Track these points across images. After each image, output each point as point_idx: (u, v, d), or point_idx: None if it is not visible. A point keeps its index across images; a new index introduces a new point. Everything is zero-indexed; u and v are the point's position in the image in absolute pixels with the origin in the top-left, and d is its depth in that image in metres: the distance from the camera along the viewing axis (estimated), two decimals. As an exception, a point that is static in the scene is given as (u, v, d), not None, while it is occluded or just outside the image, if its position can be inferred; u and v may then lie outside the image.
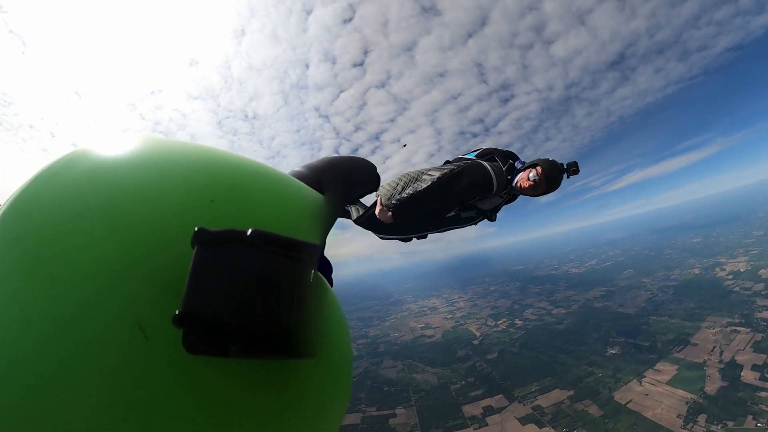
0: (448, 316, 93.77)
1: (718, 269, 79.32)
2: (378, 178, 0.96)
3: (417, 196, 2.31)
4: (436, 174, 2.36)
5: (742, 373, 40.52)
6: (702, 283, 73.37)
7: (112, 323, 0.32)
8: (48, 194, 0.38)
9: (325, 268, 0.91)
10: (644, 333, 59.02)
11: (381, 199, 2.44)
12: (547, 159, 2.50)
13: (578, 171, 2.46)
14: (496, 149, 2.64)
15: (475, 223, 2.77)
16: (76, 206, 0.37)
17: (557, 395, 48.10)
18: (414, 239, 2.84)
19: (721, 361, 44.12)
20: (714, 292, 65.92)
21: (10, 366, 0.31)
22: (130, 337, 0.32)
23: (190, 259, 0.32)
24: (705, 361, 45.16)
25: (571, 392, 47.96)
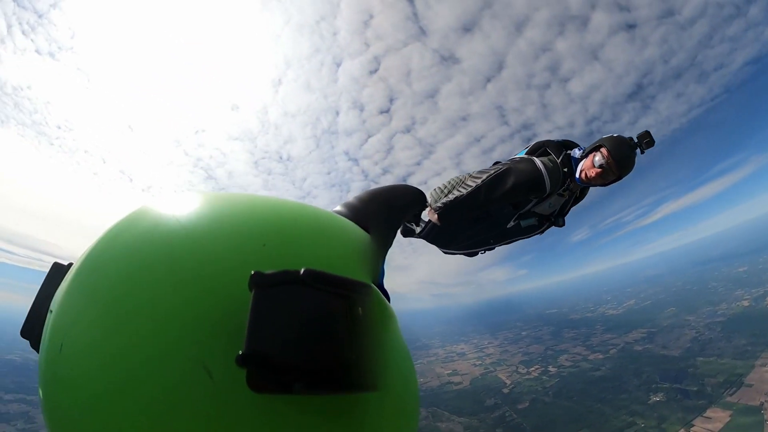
0: (477, 363, 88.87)
1: None
2: (423, 197, 1.00)
3: (461, 199, 2.16)
4: (481, 177, 2.17)
5: None
6: (753, 316, 67.66)
7: (180, 369, 0.34)
8: (112, 254, 0.42)
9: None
10: (691, 376, 53.63)
11: (430, 201, 2.34)
12: (612, 136, 2.15)
13: (653, 142, 2.12)
14: (548, 141, 2.34)
15: (542, 232, 2.51)
16: (141, 262, 0.40)
17: (595, 449, 43.40)
18: (480, 253, 2.64)
19: None
20: (767, 325, 59.74)
21: (91, 408, 0.35)
22: (196, 376, 0.34)
23: (249, 302, 0.33)
24: (762, 404, 39.92)
25: (611, 445, 42.97)
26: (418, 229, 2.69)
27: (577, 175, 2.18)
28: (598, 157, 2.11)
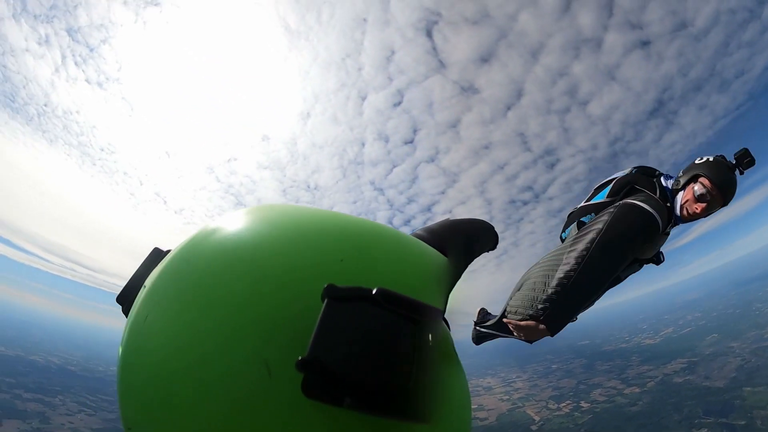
0: (504, 398, 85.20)
1: None
2: (497, 237, 1.01)
3: (574, 282, 1.76)
4: (580, 245, 1.85)
5: None
6: None
7: (244, 358, 0.37)
8: (204, 249, 0.47)
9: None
10: (738, 409, 49.54)
11: (517, 314, 1.97)
12: (707, 161, 1.95)
13: (753, 160, 1.95)
14: (629, 175, 2.09)
15: (631, 272, 2.25)
16: (225, 259, 0.44)
17: (632, 492, 40.09)
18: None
19: None
20: None
21: (163, 376, 0.39)
22: (257, 373, 0.36)
23: (319, 312, 0.34)
24: None
25: (650, 488, 39.75)
26: (489, 321, 2.42)
27: (677, 212, 1.93)
28: (698, 188, 1.87)
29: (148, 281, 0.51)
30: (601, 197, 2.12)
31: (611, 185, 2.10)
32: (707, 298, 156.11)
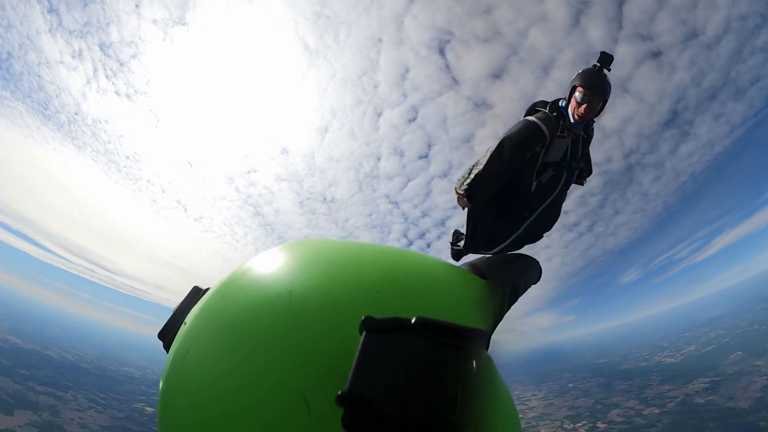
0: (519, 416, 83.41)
1: None
2: (541, 272, 1.05)
3: (482, 172, 2.26)
4: (489, 149, 2.36)
5: None
6: None
7: (281, 391, 0.37)
8: (241, 285, 0.50)
9: None
10: (763, 431, 47.11)
11: (456, 189, 2.43)
12: (578, 72, 2.36)
13: (609, 56, 2.32)
14: (539, 102, 2.59)
15: (567, 186, 2.50)
16: (262, 295, 0.46)
17: None
18: (526, 244, 2.60)
19: None
20: None
21: (201, 408, 0.41)
22: (295, 406, 0.36)
23: (358, 345, 0.33)
24: None
25: None
26: (461, 244, 2.66)
27: (572, 120, 2.31)
28: (577, 95, 2.26)
29: (189, 318, 0.53)
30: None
31: (525, 113, 2.54)
32: (731, 315, 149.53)
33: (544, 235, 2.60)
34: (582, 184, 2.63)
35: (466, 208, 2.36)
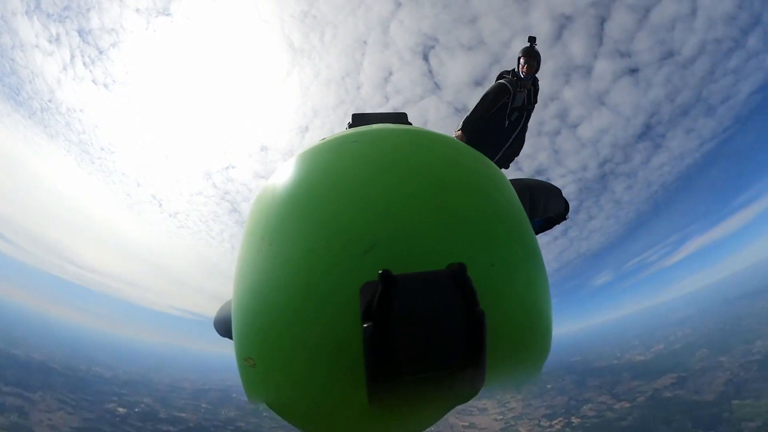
0: (498, 417, 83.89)
1: None
2: (566, 201, 1.06)
3: (471, 114, 3.43)
4: (479, 100, 3.57)
5: None
6: None
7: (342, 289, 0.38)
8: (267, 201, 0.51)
9: None
10: (726, 422, 49.81)
11: (456, 129, 3.59)
12: (520, 50, 3.62)
13: (533, 38, 3.52)
14: (503, 71, 3.72)
15: (524, 120, 3.63)
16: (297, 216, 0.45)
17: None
18: (502, 168, 3.60)
19: None
20: None
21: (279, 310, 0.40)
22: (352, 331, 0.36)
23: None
24: None
25: (639, 502, 38.48)
26: None
27: (522, 77, 3.53)
28: (521, 60, 3.54)
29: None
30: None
31: (496, 78, 3.79)
32: (698, 315, 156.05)
33: (515, 158, 3.77)
34: (532, 108, 3.79)
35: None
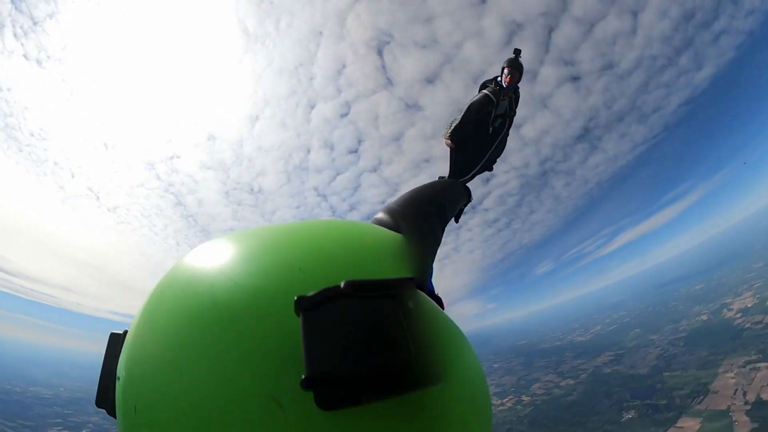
0: None
1: (725, 310, 75.70)
2: (465, 189, 1.06)
3: (459, 124, 3.48)
4: (462, 109, 3.53)
5: None
6: (712, 328, 70.05)
7: (253, 405, 0.36)
8: (164, 312, 0.46)
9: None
10: (659, 391, 54.50)
11: (444, 135, 3.62)
12: (505, 60, 3.63)
13: (518, 50, 3.59)
14: (486, 80, 3.73)
15: (507, 127, 3.69)
16: (191, 317, 0.42)
17: (573, 471, 42.80)
18: (486, 170, 3.71)
19: (746, 403, 39.88)
20: (726, 335, 62.24)
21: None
22: (268, 410, 0.35)
23: (299, 328, 0.34)
24: (729, 407, 40.74)
25: (588, 465, 42.58)
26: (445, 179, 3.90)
27: (504, 87, 3.55)
28: (505, 71, 3.52)
29: (120, 371, 0.47)
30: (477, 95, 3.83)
31: (479, 87, 3.76)
32: (631, 299, 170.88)
33: (497, 160, 3.86)
34: (513, 117, 3.91)
35: (449, 148, 3.56)
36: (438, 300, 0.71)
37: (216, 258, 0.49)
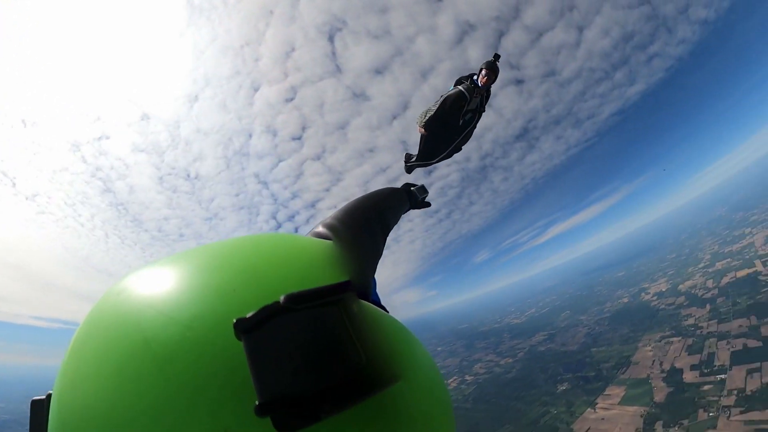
0: None
1: (643, 294, 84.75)
2: (409, 194, 1.07)
3: (434, 114, 3.84)
4: (439, 101, 3.93)
5: (683, 376, 41.85)
6: (632, 309, 77.46)
7: None
8: (88, 362, 0.40)
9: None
10: (588, 365, 59.90)
11: (418, 122, 3.99)
12: (484, 62, 3.93)
13: (498, 55, 3.94)
14: (461, 77, 4.08)
15: (476, 121, 4.09)
16: (116, 359, 0.37)
17: (518, 440, 46.21)
18: (453, 155, 4.22)
19: (662, 371, 45.36)
20: (644, 314, 69.43)
21: None
22: None
23: (243, 352, 0.31)
24: (648, 375, 46.19)
25: (531, 434, 46.26)
26: (413, 158, 4.39)
27: (479, 85, 3.98)
28: (483, 72, 3.93)
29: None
30: (451, 88, 4.17)
31: (456, 81, 4.15)
32: (561, 285, 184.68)
33: (462, 148, 4.20)
34: (481, 114, 4.19)
35: (421, 135, 3.95)
36: (384, 310, 0.65)
37: (143, 290, 0.43)
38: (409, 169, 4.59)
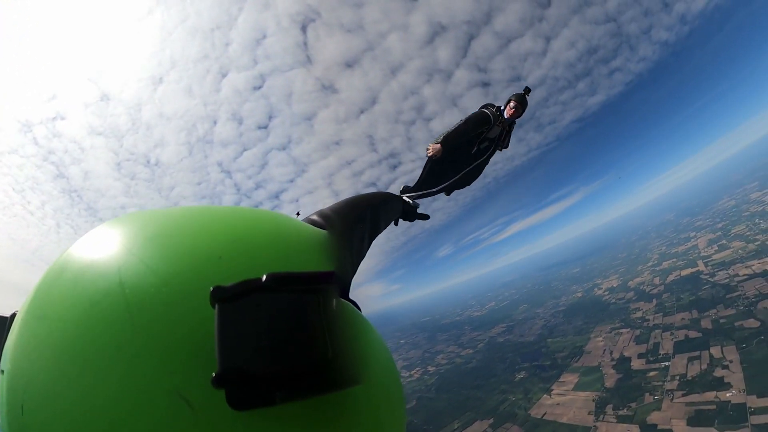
0: None
1: (596, 289, 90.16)
2: (400, 200, 1.06)
3: (453, 133, 3.53)
4: (461, 121, 3.60)
5: (631, 364, 45.05)
6: (585, 303, 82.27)
7: (151, 401, 0.31)
8: (61, 293, 0.37)
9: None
10: (544, 354, 63.14)
11: (432, 144, 3.59)
12: (514, 94, 3.81)
13: (528, 89, 3.79)
14: (488, 104, 3.85)
15: (491, 153, 3.86)
16: (92, 299, 0.35)
17: (479, 426, 48.67)
18: (456, 189, 3.85)
19: (612, 360, 48.60)
20: (596, 308, 73.81)
21: None
22: (175, 408, 0.31)
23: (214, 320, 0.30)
24: (600, 363, 49.33)
25: (491, 420, 48.77)
26: (411, 189, 4.40)
27: (505, 117, 3.81)
28: (511, 104, 3.76)
29: (5, 363, 0.38)
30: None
31: (482, 106, 3.90)
32: (520, 279, 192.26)
33: (471, 183, 3.94)
34: (502, 150, 4.00)
35: (427, 158, 3.60)
36: (356, 306, 0.64)
37: (124, 238, 0.41)
38: (405, 190, 4.77)
